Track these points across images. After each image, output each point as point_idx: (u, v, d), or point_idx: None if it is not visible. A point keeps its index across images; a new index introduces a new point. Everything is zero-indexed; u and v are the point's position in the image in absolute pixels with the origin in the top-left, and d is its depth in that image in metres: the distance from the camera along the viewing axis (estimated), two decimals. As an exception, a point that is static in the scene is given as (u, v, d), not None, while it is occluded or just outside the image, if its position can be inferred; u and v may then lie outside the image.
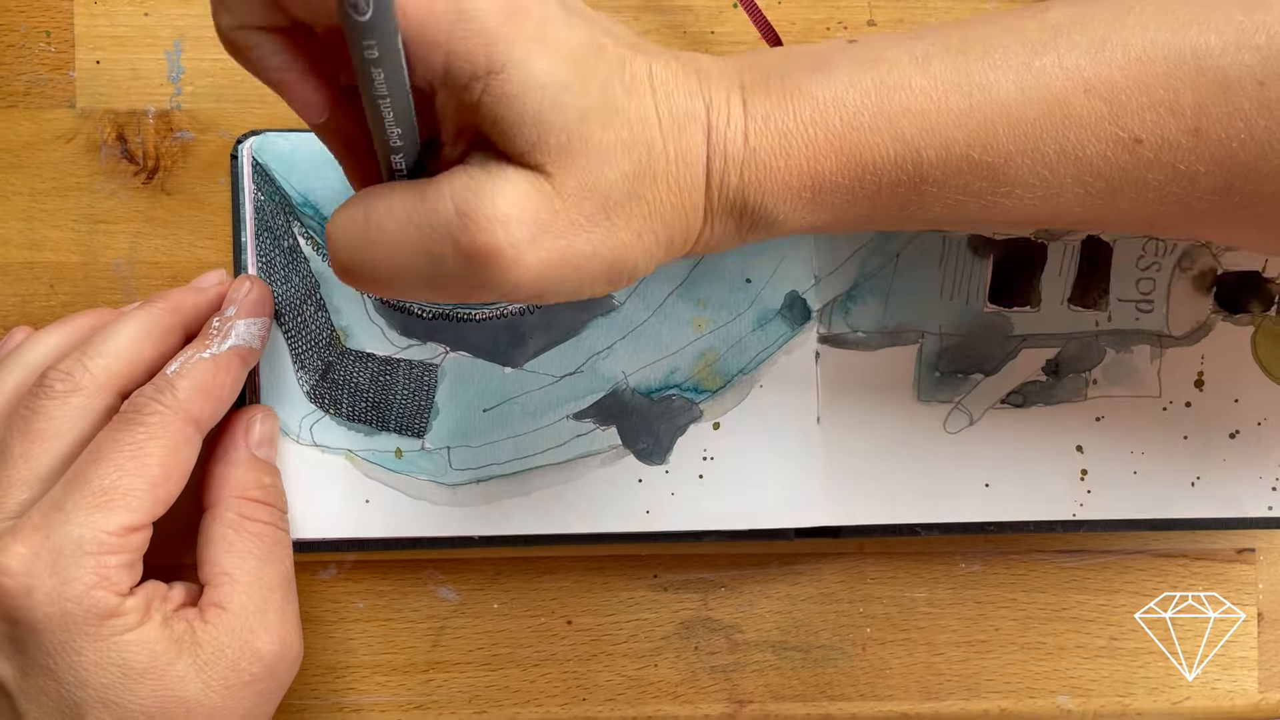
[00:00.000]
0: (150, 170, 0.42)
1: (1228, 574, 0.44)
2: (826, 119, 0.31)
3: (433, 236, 0.29)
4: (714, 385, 0.42)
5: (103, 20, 0.42)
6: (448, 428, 0.41)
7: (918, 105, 0.30)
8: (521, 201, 0.28)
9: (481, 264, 0.28)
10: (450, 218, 0.28)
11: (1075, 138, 0.30)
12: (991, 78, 0.30)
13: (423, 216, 0.29)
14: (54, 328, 0.39)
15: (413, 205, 0.29)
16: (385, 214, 0.29)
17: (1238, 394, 0.42)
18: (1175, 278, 0.42)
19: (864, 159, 0.31)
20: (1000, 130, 0.30)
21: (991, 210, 0.32)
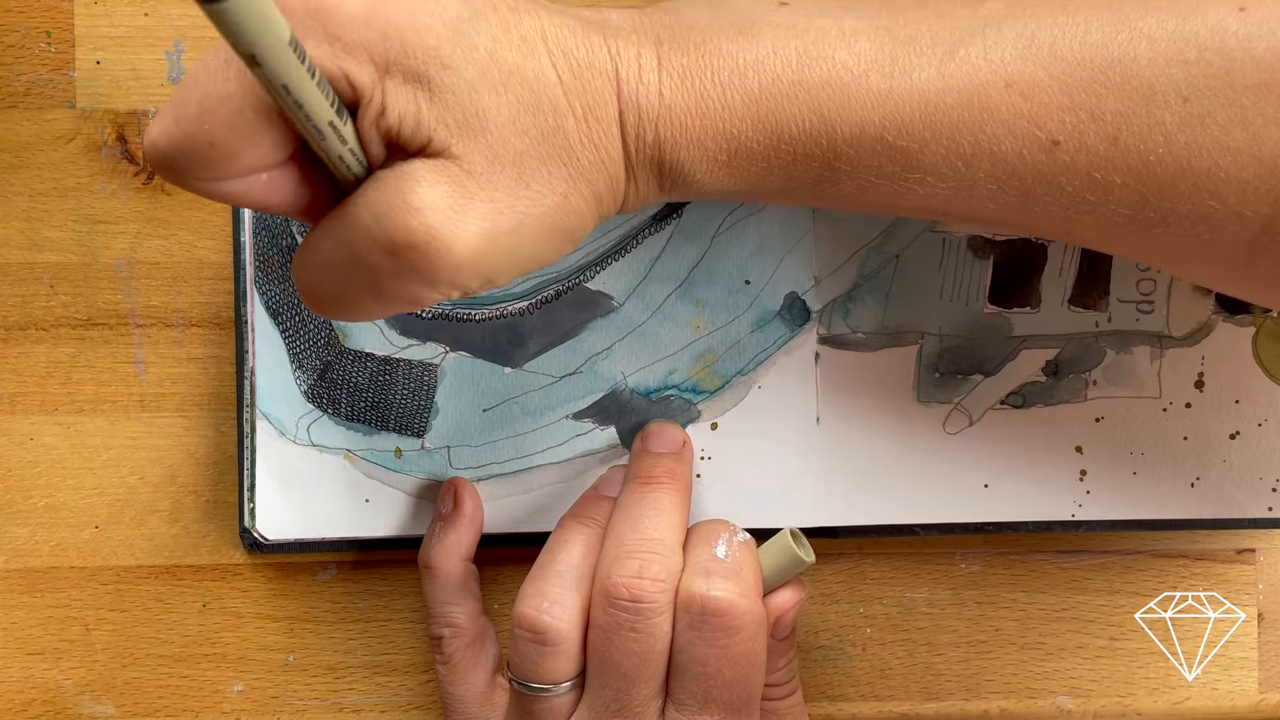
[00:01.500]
0: (150, 171, 0.42)
1: (1228, 574, 0.44)
2: (745, 82, 0.30)
3: (359, 247, 0.28)
4: (712, 386, 0.42)
5: (103, 20, 0.42)
6: (447, 427, 0.41)
7: (838, 80, 0.30)
8: (433, 191, 0.28)
9: (411, 260, 0.28)
10: (369, 225, 0.28)
11: (991, 132, 0.30)
12: (915, 62, 0.30)
13: (347, 232, 0.28)
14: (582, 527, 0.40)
15: (340, 224, 0.29)
16: (321, 239, 0.29)
17: (1238, 395, 0.42)
18: (1175, 278, 0.42)
19: (780, 127, 0.30)
20: (917, 116, 0.30)
21: (903, 195, 0.31)
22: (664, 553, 0.37)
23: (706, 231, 0.41)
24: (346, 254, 0.29)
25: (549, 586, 0.37)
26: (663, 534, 0.37)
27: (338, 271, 0.29)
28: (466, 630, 0.40)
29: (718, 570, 0.36)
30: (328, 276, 0.29)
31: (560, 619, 0.36)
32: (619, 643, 0.36)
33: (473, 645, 0.40)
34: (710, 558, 0.37)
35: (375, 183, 0.28)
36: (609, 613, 0.36)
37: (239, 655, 0.43)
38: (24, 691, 0.43)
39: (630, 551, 0.37)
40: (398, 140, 0.28)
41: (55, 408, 0.42)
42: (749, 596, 0.36)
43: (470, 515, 0.41)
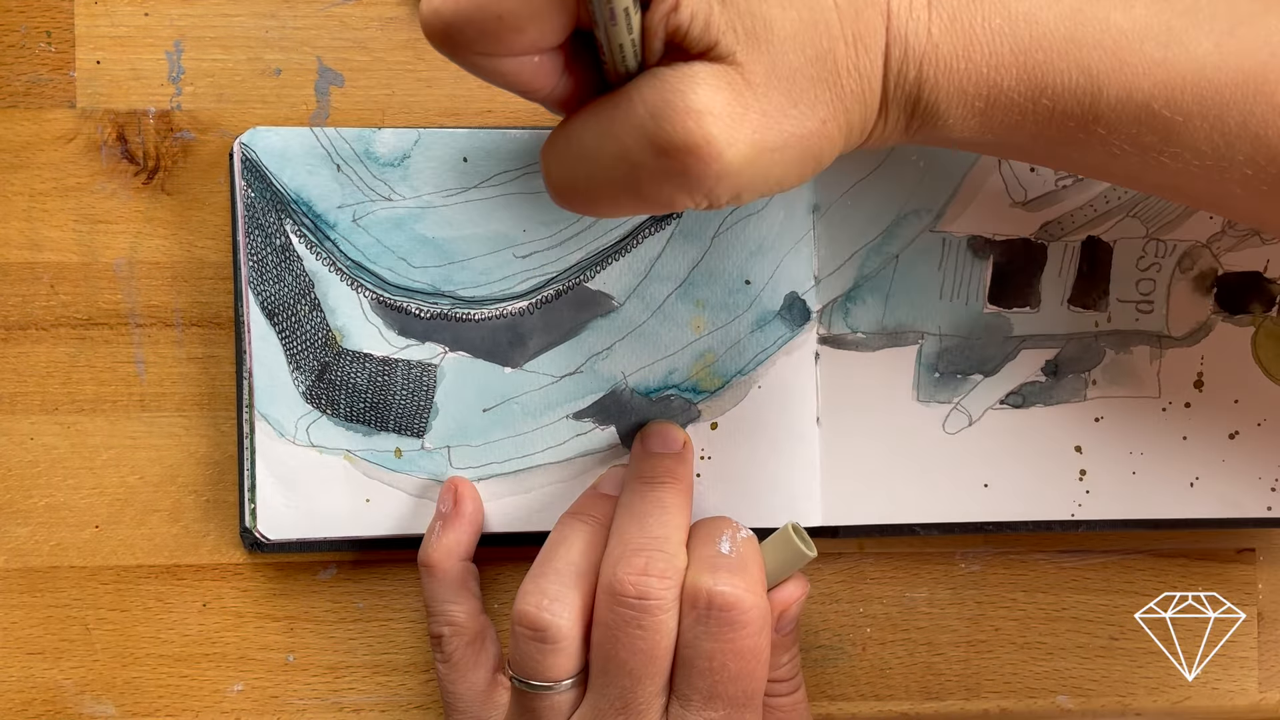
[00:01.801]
0: (150, 170, 0.42)
1: (1227, 574, 0.44)
2: (1016, 31, 0.30)
3: (629, 142, 0.28)
4: (712, 386, 0.42)
5: (103, 20, 0.42)
6: (447, 427, 0.41)
7: (1111, 42, 0.30)
8: (714, 95, 0.28)
9: (681, 161, 0.28)
10: (644, 119, 0.28)
11: (1261, 115, 0.29)
12: (1192, 34, 0.30)
13: (617, 123, 0.28)
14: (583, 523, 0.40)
15: (607, 115, 0.29)
16: (583, 129, 0.29)
17: (1237, 394, 0.42)
18: (1175, 278, 0.42)
19: (1044, 81, 0.30)
20: (1188, 88, 0.30)
21: (1149, 169, 0.31)
22: (669, 550, 0.37)
23: (707, 231, 0.41)
24: (613, 147, 0.29)
25: (549, 584, 0.37)
26: (667, 532, 0.37)
27: (596, 165, 0.29)
28: (467, 629, 0.40)
29: (723, 565, 0.36)
30: (585, 169, 0.29)
31: (561, 616, 0.36)
32: (625, 640, 0.36)
33: (473, 644, 0.40)
34: (715, 553, 0.37)
35: (654, 79, 0.28)
36: (615, 610, 0.36)
37: (239, 655, 0.43)
38: (24, 691, 0.43)
39: (635, 549, 0.37)
40: (683, 40, 0.28)
41: (55, 407, 0.42)
42: (754, 591, 0.36)
43: (470, 515, 0.41)
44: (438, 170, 0.41)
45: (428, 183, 0.41)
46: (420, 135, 0.41)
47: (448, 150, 0.41)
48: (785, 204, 0.41)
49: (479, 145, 0.41)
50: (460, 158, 0.41)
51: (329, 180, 0.40)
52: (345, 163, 0.40)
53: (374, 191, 0.41)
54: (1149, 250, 0.42)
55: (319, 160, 0.40)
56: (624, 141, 0.28)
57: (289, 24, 0.43)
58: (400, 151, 0.41)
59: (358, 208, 0.41)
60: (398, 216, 0.41)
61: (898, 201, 0.42)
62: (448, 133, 0.41)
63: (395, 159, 0.41)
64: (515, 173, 0.41)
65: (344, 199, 0.41)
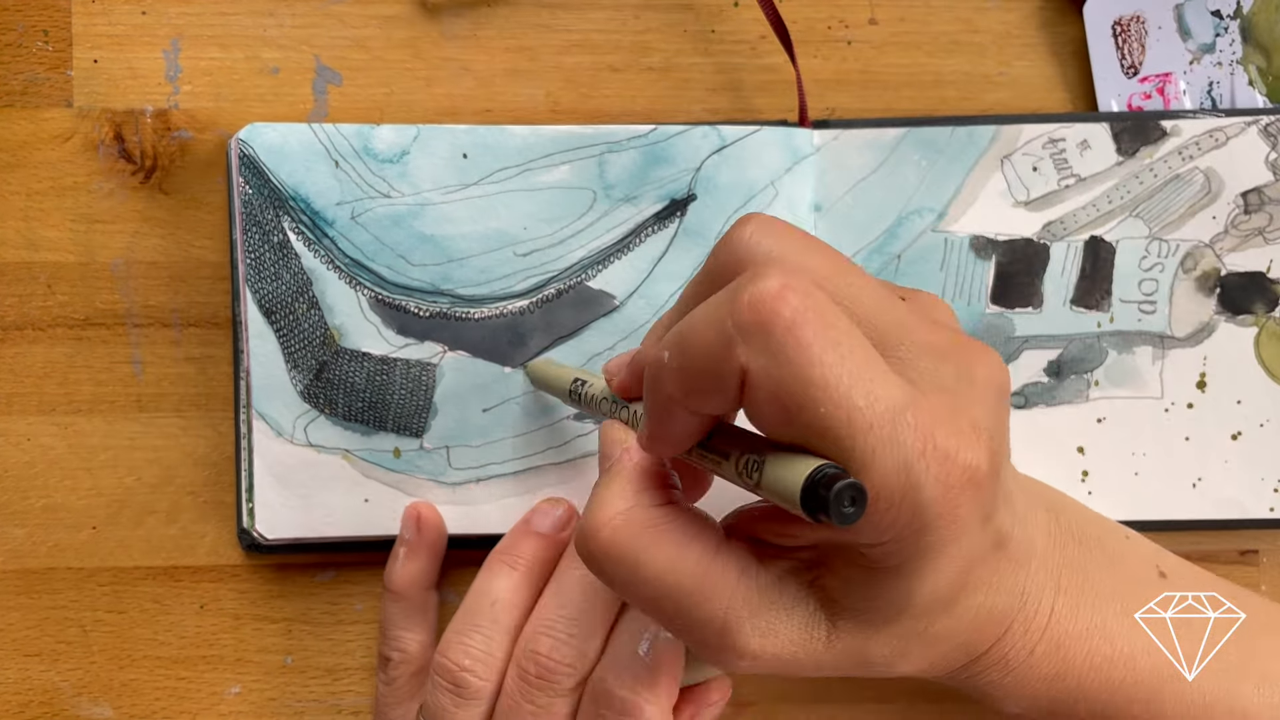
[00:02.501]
0: (148, 170, 0.42)
1: (1230, 575, 0.44)
2: (1112, 670, 0.32)
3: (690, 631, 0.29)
4: (714, 386, 0.41)
5: (100, 19, 0.42)
6: (447, 427, 0.41)
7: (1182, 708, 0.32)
8: (780, 643, 0.28)
9: (709, 653, 0.29)
10: (712, 633, 0.28)
11: None
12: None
13: (696, 609, 0.28)
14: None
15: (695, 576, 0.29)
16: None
17: (1240, 395, 0.42)
18: (1178, 279, 0.42)
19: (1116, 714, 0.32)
20: None
21: None
22: (581, 635, 0.37)
23: (711, 230, 0.41)
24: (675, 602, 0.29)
25: (471, 639, 0.38)
26: (586, 615, 0.37)
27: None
28: (414, 659, 0.40)
29: (632, 668, 0.36)
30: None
31: (478, 675, 0.37)
32: (518, 713, 0.36)
33: (417, 675, 0.40)
34: (630, 653, 0.37)
35: (745, 583, 0.28)
36: (517, 681, 0.37)
37: (237, 657, 0.43)
38: (21, 693, 0.42)
39: (548, 628, 0.37)
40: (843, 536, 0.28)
41: (52, 408, 0.42)
42: (657, 702, 0.36)
43: (432, 543, 0.41)
44: (437, 167, 0.41)
45: (427, 179, 0.41)
46: (419, 131, 0.40)
47: (447, 147, 0.41)
48: (787, 203, 0.41)
49: (479, 141, 0.41)
50: (460, 154, 0.41)
51: (327, 177, 0.40)
52: (344, 159, 0.40)
53: (372, 188, 0.40)
54: (1152, 250, 0.42)
55: (317, 157, 0.40)
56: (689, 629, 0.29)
57: (287, 22, 0.42)
58: (399, 148, 0.40)
59: (356, 205, 0.40)
60: (396, 214, 0.41)
61: (900, 201, 0.42)
62: (447, 129, 0.41)
63: (394, 155, 0.41)
64: (515, 169, 0.41)
65: (342, 196, 0.40)
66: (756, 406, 0.25)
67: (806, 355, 0.24)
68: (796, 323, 0.24)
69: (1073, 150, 0.42)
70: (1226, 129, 0.42)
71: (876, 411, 0.24)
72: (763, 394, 0.25)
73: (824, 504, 0.24)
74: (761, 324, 0.24)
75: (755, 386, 0.25)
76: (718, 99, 0.43)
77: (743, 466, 0.27)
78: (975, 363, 0.28)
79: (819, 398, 0.24)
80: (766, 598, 0.28)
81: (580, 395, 0.36)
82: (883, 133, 0.42)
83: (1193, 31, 0.43)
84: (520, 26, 0.43)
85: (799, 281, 0.25)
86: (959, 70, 0.44)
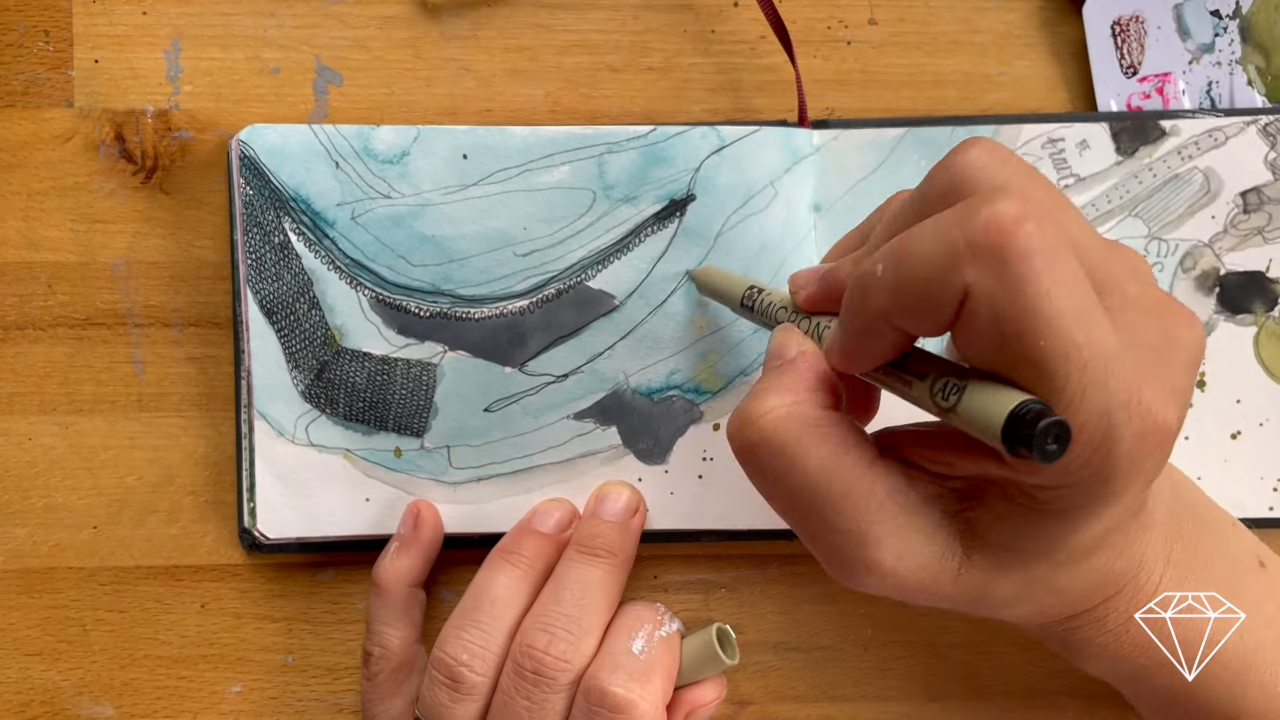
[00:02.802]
0: (149, 170, 0.42)
1: (1229, 574, 0.44)
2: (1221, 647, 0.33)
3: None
4: (715, 387, 0.42)
5: (101, 19, 0.42)
6: (447, 427, 0.41)
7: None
8: (912, 567, 0.28)
9: (839, 564, 0.29)
10: (851, 543, 0.28)
11: None
12: None
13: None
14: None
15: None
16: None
17: (1239, 394, 0.42)
18: (1177, 278, 0.42)
19: (1198, 694, 0.33)
20: None
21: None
22: (577, 632, 0.37)
23: (710, 230, 0.41)
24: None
25: (469, 634, 0.38)
26: (582, 612, 0.38)
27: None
28: (395, 655, 0.40)
29: (626, 665, 0.36)
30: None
31: (475, 670, 0.37)
32: (513, 709, 0.37)
33: (398, 671, 0.40)
34: (624, 650, 0.37)
35: (908, 531, 0.29)
36: (513, 678, 0.37)
37: (237, 656, 0.43)
38: (22, 693, 0.43)
39: (545, 624, 0.37)
40: (1005, 491, 0.28)
41: (53, 408, 0.42)
42: (650, 699, 0.36)
43: (427, 541, 0.41)
44: (437, 167, 0.41)
45: (427, 180, 0.41)
46: (419, 132, 0.41)
47: (447, 147, 0.41)
48: (787, 203, 0.41)
49: (479, 142, 0.41)
50: (460, 155, 0.41)
51: (328, 177, 0.40)
52: (344, 160, 0.40)
53: (373, 189, 0.41)
54: (1151, 250, 0.42)
55: (317, 157, 0.40)
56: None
57: (287, 23, 0.43)
58: (399, 148, 0.41)
59: (356, 205, 0.41)
60: (397, 214, 0.41)
61: (899, 201, 0.42)
62: (447, 130, 0.41)
63: (394, 156, 0.41)
64: (515, 170, 0.41)
65: (343, 196, 0.40)
66: (973, 329, 0.25)
67: (1037, 285, 0.24)
68: (1033, 250, 0.24)
69: (1072, 150, 0.42)
70: (1225, 129, 0.42)
71: (1094, 353, 0.24)
72: (983, 318, 0.24)
73: (1027, 439, 0.23)
74: (997, 246, 0.24)
75: (976, 309, 0.24)
76: (717, 99, 0.43)
77: (939, 389, 0.26)
78: (1179, 324, 0.28)
79: (1042, 329, 0.24)
80: (911, 520, 0.28)
81: (754, 304, 0.35)
82: (882, 133, 0.42)
83: (1192, 31, 0.43)
84: (520, 27, 0.43)
85: (1036, 210, 0.24)
86: (958, 70, 0.44)
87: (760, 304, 0.35)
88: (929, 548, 0.28)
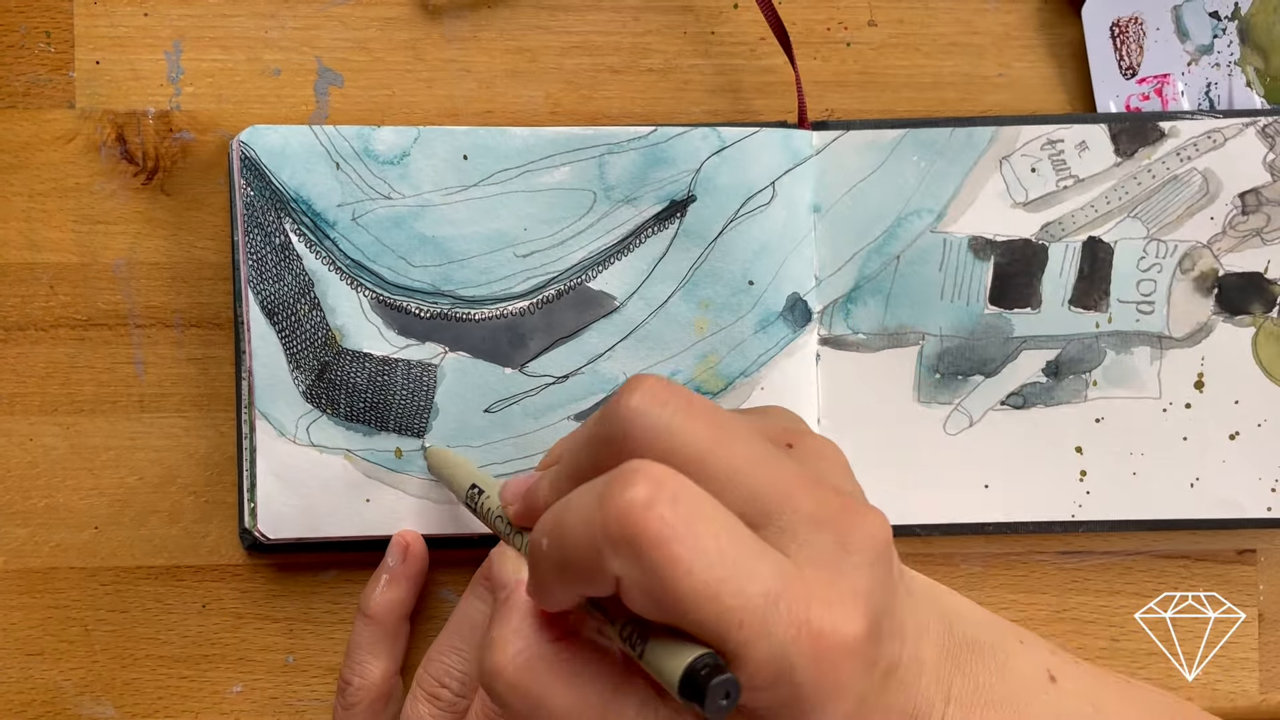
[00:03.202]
0: (150, 171, 0.42)
1: (1228, 575, 0.44)
2: None
3: None
4: (715, 387, 0.42)
5: (102, 21, 0.42)
6: (448, 428, 0.41)
7: None
8: None
9: None
10: None
11: None
12: None
13: None
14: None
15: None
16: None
17: (1238, 395, 0.42)
18: (1176, 279, 0.42)
19: None
20: None
21: None
22: None
23: (710, 231, 0.41)
24: None
25: (449, 659, 0.39)
26: None
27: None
28: (374, 688, 0.41)
29: None
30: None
31: (454, 692, 0.38)
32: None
33: (375, 703, 0.41)
34: None
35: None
36: (481, 714, 0.37)
37: (238, 656, 0.43)
38: (23, 692, 0.43)
39: None
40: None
41: (55, 408, 0.42)
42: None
43: (415, 574, 0.41)
44: (438, 168, 0.41)
45: (427, 181, 0.41)
46: (420, 133, 0.41)
47: (448, 148, 0.41)
48: (787, 203, 0.41)
49: (479, 143, 0.41)
50: (460, 155, 0.41)
51: (328, 178, 0.40)
52: (344, 161, 0.40)
53: (373, 190, 0.41)
54: (1150, 251, 0.42)
55: (318, 158, 0.40)
56: None
57: (288, 24, 0.43)
58: (400, 149, 0.41)
59: (357, 206, 0.41)
60: (397, 215, 0.41)
61: (899, 202, 0.42)
62: (447, 130, 0.41)
63: (395, 157, 0.41)
64: (516, 171, 0.41)
65: (343, 197, 0.41)
66: (633, 603, 0.26)
67: (674, 568, 0.24)
68: (664, 537, 0.24)
69: (1071, 151, 0.42)
70: (1224, 130, 0.42)
71: (748, 608, 0.25)
72: (635, 596, 0.25)
73: (700, 695, 0.24)
74: (629, 539, 0.25)
75: (629, 589, 0.25)
76: (717, 100, 0.43)
77: (627, 635, 0.27)
78: (854, 527, 0.28)
79: (689, 605, 0.25)
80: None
81: (476, 505, 0.36)
82: (882, 134, 0.42)
83: (1191, 33, 0.43)
84: (521, 28, 0.43)
85: (667, 486, 0.25)
86: (958, 71, 0.44)
87: (481, 507, 0.36)
88: None
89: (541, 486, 0.32)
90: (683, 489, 0.25)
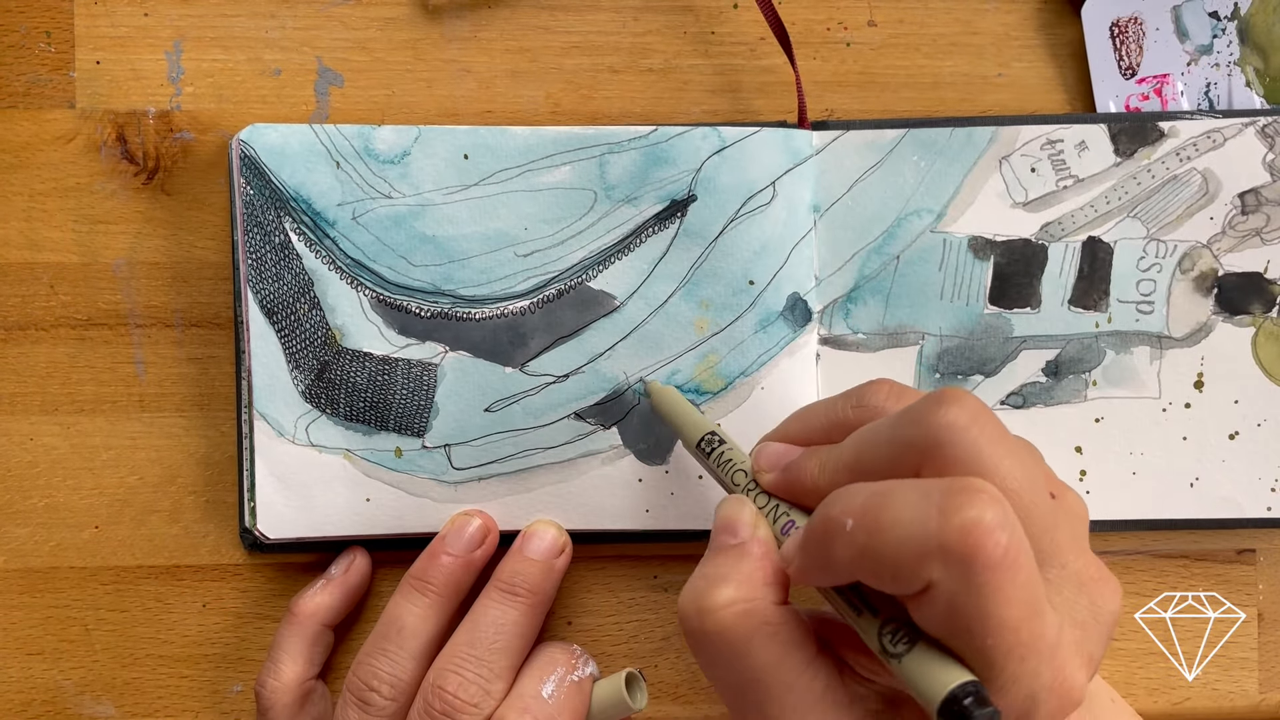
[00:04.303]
0: (150, 171, 0.42)
1: (1228, 574, 0.44)
2: None
3: None
4: (715, 387, 0.42)
5: (103, 20, 0.42)
6: (448, 427, 0.41)
7: None
8: None
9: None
10: None
11: None
12: None
13: None
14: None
15: None
16: None
17: (1237, 395, 0.42)
18: (1176, 279, 0.42)
19: None
20: None
21: None
22: (489, 676, 0.38)
23: (710, 231, 0.41)
24: None
25: (378, 661, 0.39)
26: (495, 655, 0.38)
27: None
28: (289, 690, 0.41)
29: (534, 709, 0.37)
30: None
31: (383, 695, 0.38)
32: None
33: (290, 706, 0.41)
34: (534, 693, 0.38)
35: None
36: (422, 715, 0.38)
37: (239, 655, 0.43)
38: (24, 692, 0.43)
39: (457, 665, 0.38)
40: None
41: (55, 408, 0.42)
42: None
43: (353, 588, 0.42)
44: (438, 167, 0.41)
45: (428, 180, 0.41)
46: (420, 132, 0.41)
47: (448, 147, 0.41)
48: (787, 203, 0.41)
49: (480, 142, 0.41)
50: (461, 155, 0.41)
51: (328, 178, 0.40)
52: (345, 160, 0.40)
53: (373, 189, 0.41)
54: (1149, 251, 0.42)
55: (318, 157, 0.40)
56: None
57: (289, 24, 0.43)
58: (400, 149, 0.41)
59: (357, 205, 0.41)
60: (397, 214, 0.41)
61: (898, 202, 0.42)
62: (448, 130, 0.41)
63: (395, 156, 0.41)
64: (516, 170, 0.41)
65: (343, 196, 0.41)
66: (929, 611, 0.26)
67: (998, 594, 0.25)
68: (999, 562, 0.25)
69: (1071, 151, 0.42)
70: (1224, 130, 0.42)
71: (1033, 649, 0.26)
72: (940, 607, 0.26)
73: (959, 718, 0.25)
74: (968, 554, 0.25)
75: (936, 599, 0.26)
76: (717, 100, 0.44)
77: (888, 633, 0.28)
78: (1106, 598, 0.29)
79: (992, 630, 0.25)
80: (838, 716, 0.29)
81: (711, 452, 0.36)
82: (881, 134, 0.42)
83: (1190, 33, 0.43)
84: (521, 28, 0.43)
85: (1009, 517, 0.26)
86: (957, 71, 0.44)
87: (717, 456, 0.36)
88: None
89: (809, 466, 0.32)
90: (1015, 520, 0.26)
